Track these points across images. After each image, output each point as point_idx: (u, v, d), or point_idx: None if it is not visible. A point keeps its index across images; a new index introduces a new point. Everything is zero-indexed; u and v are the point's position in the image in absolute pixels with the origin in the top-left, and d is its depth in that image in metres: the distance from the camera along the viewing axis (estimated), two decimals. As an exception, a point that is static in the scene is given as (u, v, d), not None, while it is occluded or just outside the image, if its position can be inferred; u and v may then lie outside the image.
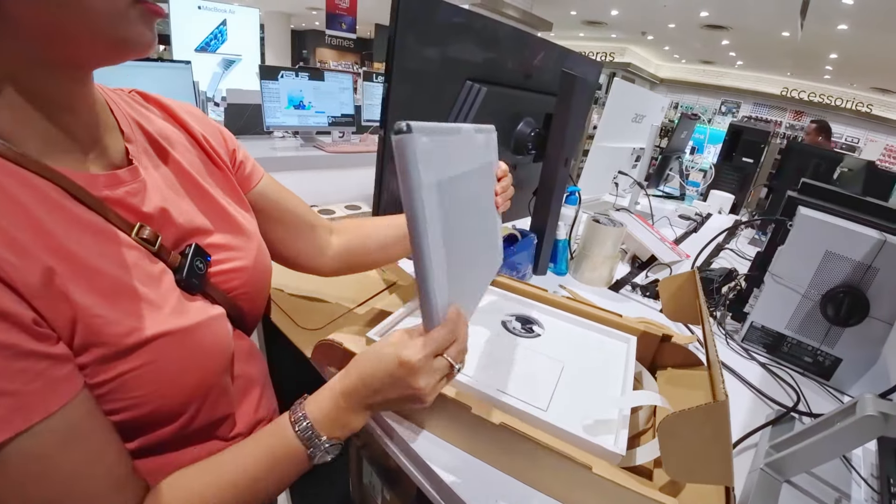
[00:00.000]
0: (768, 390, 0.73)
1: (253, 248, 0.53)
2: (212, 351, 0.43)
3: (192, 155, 0.51)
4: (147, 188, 0.43)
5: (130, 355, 0.36)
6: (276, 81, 2.41)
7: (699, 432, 0.34)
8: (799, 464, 0.54)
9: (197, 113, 0.55)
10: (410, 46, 0.68)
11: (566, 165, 0.87)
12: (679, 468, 0.36)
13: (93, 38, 0.34)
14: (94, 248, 0.36)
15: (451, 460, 0.47)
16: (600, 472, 0.38)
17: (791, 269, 0.80)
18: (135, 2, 0.35)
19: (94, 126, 0.41)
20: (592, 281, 0.97)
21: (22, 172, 0.34)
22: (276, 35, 13.28)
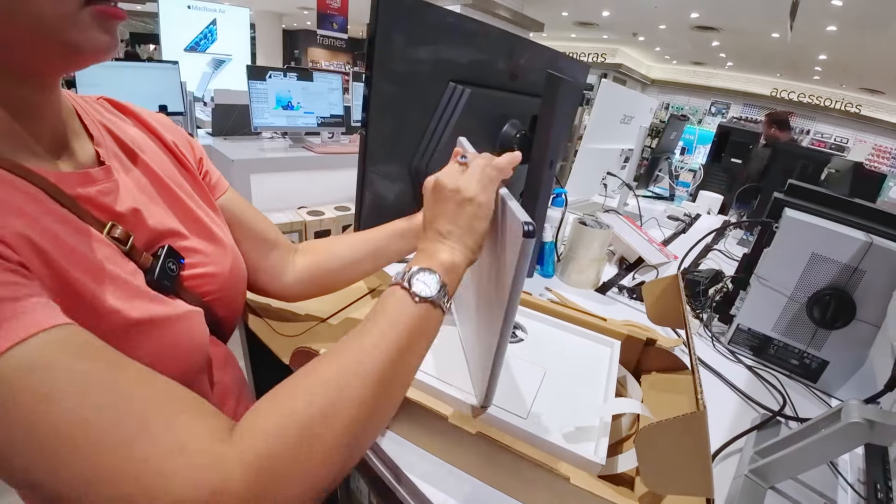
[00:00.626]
0: (754, 394, 0.72)
1: (228, 254, 0.52)
2: (188, 344, 0.42)
3: (163, 161, 0.51)
4: (119, 188, 0.42)
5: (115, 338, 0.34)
6: (264, 82, 2.39)
7: (677, 443, 0.33)
8: (784, 470, 0.53)
9: (165, 121, 0.55)
10: (390, 47, 0.66)
11: (551, 167, 0.86)
12: (657, 480, 0.35)
13: (42, 43, 0.33)
14: (71, 239, 0.35)
15: (432, 469, 0.46)
16: (578, 483, 0.37)
17: (777, 271, 0.79)
18: (86, 4, 0.33)
19: (61, 132, 0.40)
20: (579, 283, 0.96)
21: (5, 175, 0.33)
22: (267, 35, 13.20)
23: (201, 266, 0.48)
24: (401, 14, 0.66)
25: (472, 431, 0.41)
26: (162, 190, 0.48)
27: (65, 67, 0.37)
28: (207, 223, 0.51)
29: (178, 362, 0.41)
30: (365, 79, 0.66)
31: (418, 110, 0.77)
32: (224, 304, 0.52)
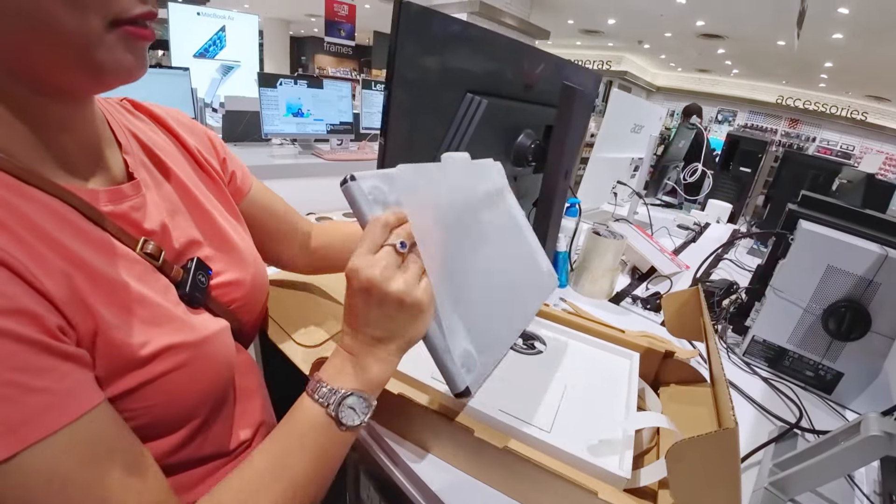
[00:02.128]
0: (770, 405, 0.72)
1: (250, 262, 0.53)
2: (218, 363, 0.43)
3: (187, 168, 0.51)
4: (148, 203, 0.43)
5: (145, 366, 0.36)
6: (275, 89, 2.41)
7: (708, 459, 0.33)
8: (803, 483, 0.53)
9: (185, 120, 0.55)
10: (410, 58, 0.67)
11: (566, 177, 0.87)
12: (687, 496, 0.35)
13: (67, 63, 0.33)
14: (103, 262, 0.36)
15: (454, 483, 0.46)
16: (606, 498, 0.37)
17: (792, 283, 0.79)
18: (112, 25, 0.33)
19: (93, 143, 0.41)
20: (593, 293, 0.96)
21: (26, 188, 0.33)
22: (275, 41, 13.33)
23: (225, 274, 0.49)
24: (420, 26, 0.67)
25: (498, 446, 0.41)
26: (187, 199, 0.49)
27: (91, 89, 0.38)
28: (230, 233, 0.52)
29: (209, 382, 0.42)
30: (385, 89, 0.67)
31: (436, 120, 0.78)
32: (247, 311, 0.53)
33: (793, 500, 0.55)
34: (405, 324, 0.38)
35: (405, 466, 0.49)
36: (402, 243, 0.37)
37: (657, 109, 1.74)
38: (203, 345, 0.41)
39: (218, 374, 0.43)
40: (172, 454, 0.41)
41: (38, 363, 0.29)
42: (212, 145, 0.57)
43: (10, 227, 0.30)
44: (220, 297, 0.48)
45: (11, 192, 0.32)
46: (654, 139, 1.59)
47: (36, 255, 0.31)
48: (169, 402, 0.38)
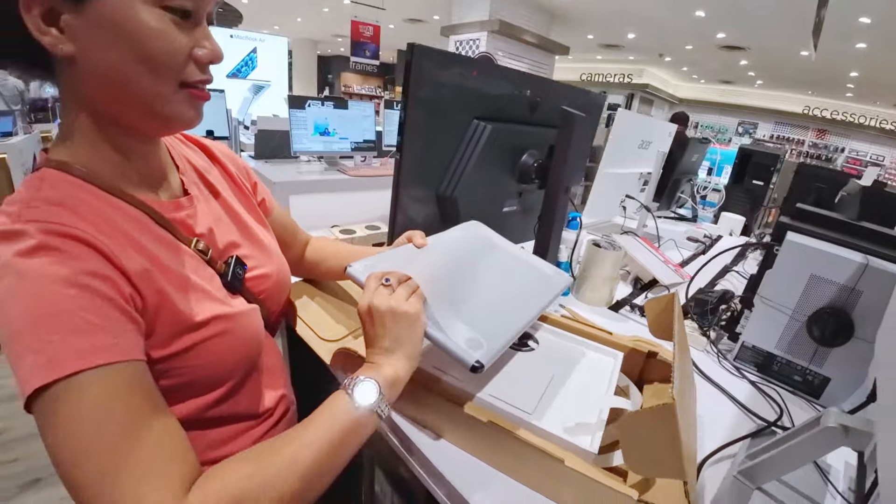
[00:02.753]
0: (756, 407, 0.77)
1: (275, 261, 0.65)
2: (250, 334, 0.55)
3: (227, 187, 0.64)
4: (198, 213, 0.55)
5: (197, 331, 0.47)
6: (304, 110, 2.56)
7: (652, 430, 0.40)
8: (768, 472, 0.58)
9: (227, 152, 0.69)
10: (421, 91, 0.77)
11: (566, 193, 0.95)
12: (637, 462, 0.42)
13: (147, 113, 0.45)
14: (168, 255, 0.48)
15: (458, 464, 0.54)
16: (572, 465, 0.45)
17: (778, 291, 0.84)
18: (181, 87, 0.45)
19: (161, 167, 0.53)
20: (593, 301, 1.03)
21: (113, 199, 0.45)
22: (303, 60, 13.84)
23: (257, 269, 0.61)
24: (431, 64, 0.77)
25: (483, 420, 0.49)
26: (228, 211, 0.61)
27: (161, 132, 0.51)
28: (260, 237, 0.64)
29: (243, 349, 0.53)
30: (400, 117, 0.77)
31: (446, 144, 0.87)
32: (273, 300, 0.65)
33: (761, 489, 0.61)
34: (403, 332, 0.49)
35: (407, 440, 0.57)
36: (387, 279, 0.51)
37: (666, 126, 1.80)
38: (239, 318, 0.52)
39: (250, 343, 0.54)
40: (210, 408, 0.51)
41: (110, 314, 0.39)
42: (247, 173, 0.71)
43: (99, 225, 0.42)
44: (253, 287, 0.60)
45: (102, 202, 0.44)
46: (662, 154, 1.65)
47: (118, 244, 0.42)
48: (212, 363, 0.49)
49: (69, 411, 0.36)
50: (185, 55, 0.44)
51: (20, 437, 1.79)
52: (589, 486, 0.44)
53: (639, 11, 6.39)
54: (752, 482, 0.60)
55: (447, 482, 0.51)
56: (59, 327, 0.36)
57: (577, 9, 6.81)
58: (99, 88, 0.43)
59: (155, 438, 0.38)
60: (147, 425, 0.38)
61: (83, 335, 0.37)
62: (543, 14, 7.16)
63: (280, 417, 0.65)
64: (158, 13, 0.41)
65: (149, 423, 0.39)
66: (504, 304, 0.64)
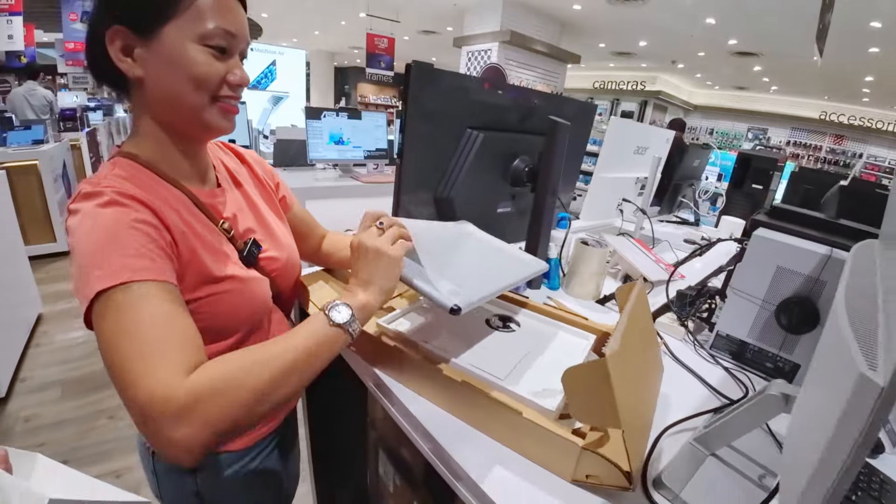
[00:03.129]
0: (726, 390, 0.83)
1: (286, 248, 0.78)
2: (259, 295, 0.69)
3: (252, 185, 0.78)
4: (227, 201, 0.69)
5: (215, 283, 0.61)
6: (320, 120, 2.70)
7: (589, 383, 0.47)
8: (720, 438, 0.66)
9: (256, 157, 0.84)
10: (420, 105, 0.87)
11: (554, 195, 1.03)
12: (579, 411, 0.50)
13: (191, 121, 0.61)
14: (201, 227, 0.62)
15: (433, 416, 0.63)
16: (528, 417, 0.53)
17: (748, 282, 0.91)
18: (215, 101, 0.60)
19: (204, 165, 0.68)
20: (581, 295, 1.11)
21: (166, 184, 0.61)
22: (320, 71, 14.17)
23: (269, 252, 0.74)
24: (427, 80, 0.87)
25: (458, 380, 0.58)
26: (248, 203, 0.75)
27: (203, 136, 0.64)
28: (274, 227, 0.78)
29: (250, 306, 0.67)
30: (400, 127, 0.87)
31: (442, 151, 0.97)
32: (283, 280, 0.78)
33: (715, 455, 0.67)
34: (381, 270, 0.59)
35: (400, 405, 0.66)
36: (381, 222, 0.62)
37: (664, 132, 1.87)
38: (249, 282, 0.66)
39: (256, 303, 0.68)
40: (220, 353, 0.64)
41: (155, 251, 0.53)
42: (271, 175, 0.85)
43: (153, 195, 0.56)
44: (265, 265, 0.73)
45: (157, 183, 0.60)
46: (658, 160, 1.72)
47: (165, 209, 0.57)
48: (223, 313, 0.63)
49: (118, 308, 0.48)
50: (219, 79, 0.58)
51: (47, 423, 1.94)
52: (543, 434, 0.53)
53: (649, 19, 6.44)
54: (707, 448, 0.67)
55: (432, 438, 0.61)
56: (118, 253, 0.50)
57: (587, 18, 6.90)
58: (159, 101, 0.59)
59: (176, 334, 0.50)
60: (171, 324, 0.50)
61: (135, 259, 0.50)
62: (554, 24, 7.27)
63: None
64: (201, 48, 0.56)
65: (172, 323, 0.50)
66: (483, 273, 0.73)
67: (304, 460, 1.45)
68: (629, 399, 0.51)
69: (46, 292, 3.00)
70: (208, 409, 0.45)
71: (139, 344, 0.47)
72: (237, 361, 0.50)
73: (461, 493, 0.57)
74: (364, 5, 7.49)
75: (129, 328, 0.47)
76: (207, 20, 0.56)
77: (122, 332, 0.47)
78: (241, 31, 0.59)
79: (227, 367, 0.49)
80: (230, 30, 0.58)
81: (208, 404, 0.45)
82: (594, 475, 0.52)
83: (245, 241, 0.69)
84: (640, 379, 0.61)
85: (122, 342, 0.47)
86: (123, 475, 1.68)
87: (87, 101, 7.13)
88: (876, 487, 0.66)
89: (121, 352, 0.47)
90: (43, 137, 3.68)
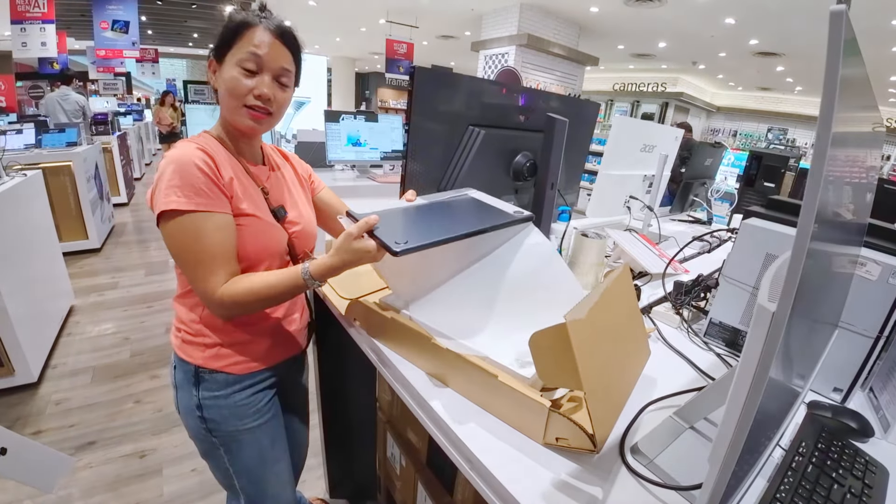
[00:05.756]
0: (716, 375, 0.87)
1: (305, 217, 0.98)
2: (275, 234, 0.88)
3: (290, 172, 0.99)
4: (269, 177, 0.93)
5: (243, 217, 0.83)
6: (338, 123, 2.80)
7: (552, 347, 0.52)
8: (695, 411, 0.69)
9: (296, 157, 1.05)
10: (424, 104, 0.93)
11: (553, 188, 1.08)
12: (544, 372, 0.55)
13: (230, 119, 0.85)
14: (247, 183, 0.86)
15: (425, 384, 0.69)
16: (504, 381, 0.59)
17: (739, 270, 0.94)
18: (243, 106, 0.82)
19: (256, 154, 0.94)
20: (581, 285, 1.15)
21: (229, 154, 0.86)
22: (341, 77, 14.43)
23: (291, 216, 0.94)
24: (431, 81, 0.93)
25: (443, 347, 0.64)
26: (284, 184, 0.97)
27: (241, 129, 0.84)
28: (300, 203, 0.98)
29: (264, 239, 0.86)
30: (406, 124, 0.93)
31: (445, 147, 1.03)
32: (299, 240, 0.95)
33: (694, 428, 0.71)
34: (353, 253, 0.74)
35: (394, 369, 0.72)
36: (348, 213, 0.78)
37: (672, 130, 1.89)
38: (271, 225, 0.88)
39: (272, 242, 0.88)
40: None
41: (214, 188, 0.78)
42: (306, 170, 1.08)
43: (218, 157, 0.82)
44: (287, 227, 0.92)
45: (224, 155, 0.85)
46: (664, 158, 1.74)
47: (225, 164, 0.82)
48: (247, 242, 0.83)
49: (187, 230, 0.76)
50: (246, 90, 0.80)
51: (77, 406, 2.07)
52: (516, 397, 0.58)
53: (668, 21, 6.41)
54: (686, 421, 0.71)
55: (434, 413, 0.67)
56: (191, 187, 0.75)
57: (605, 20, 6.89)
58: (221, 103, 0.84)
59: (221, 252, 0.78)
60: (217, 245, 0.78)
61: (201, 196, 0.76)
62: (572, 27, 7.28)
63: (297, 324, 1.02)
64: (238, 69, 0.80)
65: (218, 244, 0.78)
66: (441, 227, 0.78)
67: (317, 446, 1.53)
68: (597, 368, 0.55)
69: (79, 286, 3.17)
70: (233, 305, 0.79)
71: (197, 254, 0.77)
72: (248, 284, 0.79)
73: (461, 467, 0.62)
74: (384, 12, 7.64)
75: (193, 248, 0.76)
76: (245, 49, 0.79)
77: (186, 247, 0.77)
78: (268, 56, 0.80)
79: (243, 287, 0.78)
80: (257, 53, 0.79)
81: (232, 303, 0.78)
82: (563, 437, 0.57)
83: (277, 205, 0.91)
84: (615, 353, 0.65)
85: (186, 255, 0.77)
86: (148, 455, 1.78)
87: (117, 106, 7.46)
88: (860, 468, 0.69)
89: (186, 259, 0.78)
90: (76, 140, 3.87)
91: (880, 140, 0.78)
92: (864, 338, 0.80)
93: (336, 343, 1.31)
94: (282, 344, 1.00)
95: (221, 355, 0.90)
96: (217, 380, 0.90)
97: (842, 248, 0.61)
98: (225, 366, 0.90)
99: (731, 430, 0.35)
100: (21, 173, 2.55)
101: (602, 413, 0.55)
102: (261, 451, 0.97)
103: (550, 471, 0.58)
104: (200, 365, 0.89)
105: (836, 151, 0.32)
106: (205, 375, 0.90)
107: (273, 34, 0.80)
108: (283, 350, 1.00)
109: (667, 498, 0.57)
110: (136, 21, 6.79)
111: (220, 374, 0.90)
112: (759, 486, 0.59)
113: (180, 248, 0.76)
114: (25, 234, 2.38)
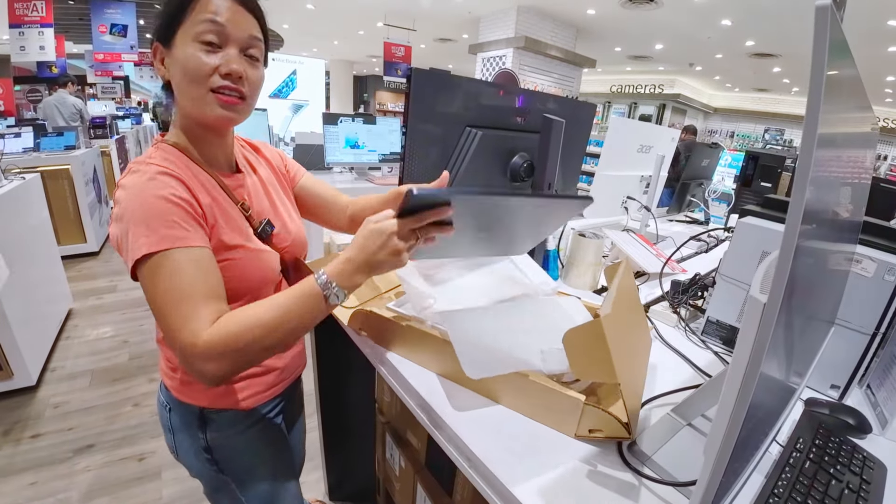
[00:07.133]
0: (713, 372, 0.87)
1: (292, 229, 0.86)
2: (266, 264, 0.76)
3: (266, 171, 0.88)
4: (246, 185, 0.79)
5: (230, 251, 0.69)
6: (336, 126, 2.81)
7: (586, 342, 0.52)
8: (692, 408, 0.70)
9: (271, 149, 0.93)
10: (421, 105, 0.94)
11: (550, 188, 1.09)
12: (579, 368, 0.55)
13: (195, 112, 0.67)
14: (226, 203, 0.72)
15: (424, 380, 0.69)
16: (534, 379, 0.59)
17: (736, 268, 0.94)
18: (210, 91, 0.65)
19: (227, 154, 0.78)
20: (579, 285, 1.15)
21: (195, 166, 0.71)
22: (340, 80, 14.44)
23: (279, 230, 0.81)
24: (428, 82, 0.93)
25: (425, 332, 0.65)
26: (264, 188, 0.84)
27: (208, 124, 0.71)
28: (283, 211, 0.86)
29: (258, 272, 0.74)
30: (402, 126, 0.94)
31: (443, 148, 1.03)
32: (290, 255, 0.83)
33: (691, 425, 0.72)
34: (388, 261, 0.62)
35: (393, 369, 0.72)
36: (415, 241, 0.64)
37: (669, 132, 1.90)
38: (259, 253, 0.74)
39: (265, 270, 0.75)
40: None
41: (189, 221, 0.63)
42: (280, 158, 0.94)
43: (186, 175, 0.66)
44: (276, 243, 0.80)
45: (191, 166, 0.70)
46: (661, 158, 1.75)
47: (196, 187, 0.66)
48: (235, 277, 0.70)
49: (160, 270, 0.60)
50: (209, 70, 0.64)
51: (76, 409, 2.06)
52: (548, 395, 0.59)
53: (664, 22, 6.43)
54: (684, 418, 0.72)
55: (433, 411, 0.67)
56: (161, 224, 0.60)
57: (602, 22, 6.92)
58: (178, 97, 0.68)
59: (203, 290, 0.61)
60: (199, 282, 0.61)
61: (174, 229, 0.61)
62: (569, 29, 7.31)
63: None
64: (196, 45, 0.63)
65: (200, 281, 0.61)
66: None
67: (316, 449, 1.53)
68: (623, 359, 0.56)
69: (77, 289, 3.17)
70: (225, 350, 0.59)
71: (175, 301, 0.60)
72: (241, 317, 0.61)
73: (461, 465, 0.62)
74: (382, 15, 7.66)
75: (168, 288, 0.60)
76: (200, 18, 0.63)
77: (163, 290, 0.60)
78: (230, 23, 0.64)
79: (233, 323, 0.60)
80: (216, 19, 0.63)
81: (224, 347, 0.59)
82: (597, 429, 0.58)
83: (261, 220, 0.77)
84: (632, 344, 0.65)
85: (164, 297, 0.60)
86: (147, 458, 1.78)
87: (115, 109, 7.46)
88: (858, 464, 0.69)
89: (163, 307, 0.60)
90: (75, 143, 3.87)
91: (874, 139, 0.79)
92: (860, 335, 0.80)
93: (335, 344, 1.32)
94: (291, 365, 0.93)
95: (231, 391, 0.80)
96: (227, 417, 0.82)
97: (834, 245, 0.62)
98: (235, 402, 0.81)
99: (725, 422, 0.36)
100: (19, 177, 2.55)
101: (631, 401, 0.56)
102: (274, 475, 0.91)
103: (549, 468, 0.59)
104: (207, 406, 0.80)
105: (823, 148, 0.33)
106: (212, 416, 0.80)
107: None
108: (292, 371, 0.94)
109: (665, 494, 0.57)
110: (135, 25, 6.79)
111: (228, 411, 0.81)
112: (757, 481, 0.60)
113: (154, 293, 0.60)
114: (24, 237, 2.37)
